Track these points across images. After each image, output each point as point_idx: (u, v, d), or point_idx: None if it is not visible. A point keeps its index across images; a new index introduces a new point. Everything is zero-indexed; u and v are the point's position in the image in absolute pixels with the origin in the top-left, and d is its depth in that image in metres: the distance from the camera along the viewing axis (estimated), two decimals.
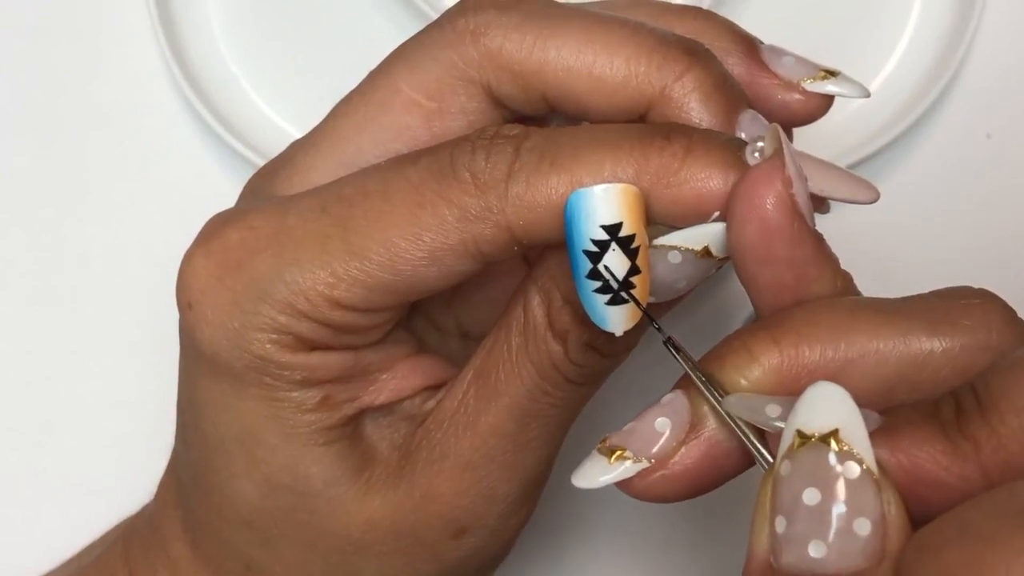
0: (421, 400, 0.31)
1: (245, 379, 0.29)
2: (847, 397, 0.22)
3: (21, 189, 0.46)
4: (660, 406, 0.26)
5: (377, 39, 0.46)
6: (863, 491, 0.22)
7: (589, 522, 0.44)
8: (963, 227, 0.46)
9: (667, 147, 0.26)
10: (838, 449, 0.22)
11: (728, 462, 0.26)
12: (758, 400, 0.24)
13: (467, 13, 0.29)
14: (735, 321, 0.44)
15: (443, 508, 0.30)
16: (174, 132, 0.46)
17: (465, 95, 0.29)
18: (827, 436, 0.22)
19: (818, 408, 0.22)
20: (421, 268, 0.27)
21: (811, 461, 0.22)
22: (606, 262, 0.25)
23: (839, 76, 0.30)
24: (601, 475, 0.26)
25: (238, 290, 0.28)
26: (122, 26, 0.47)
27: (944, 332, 0.25)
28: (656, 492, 0.26)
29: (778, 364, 0.25)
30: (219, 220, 0.30)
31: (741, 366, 0.25)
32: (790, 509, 0.22)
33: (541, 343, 0.28)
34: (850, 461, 0.22)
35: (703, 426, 0.26)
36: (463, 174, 0.27)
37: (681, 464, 0.25)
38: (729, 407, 0.25)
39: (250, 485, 0.30)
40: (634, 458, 0.25)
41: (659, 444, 0.25)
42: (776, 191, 0.25)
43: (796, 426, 0.22)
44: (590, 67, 0.28)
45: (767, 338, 0.25)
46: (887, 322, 0.25)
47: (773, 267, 0.25)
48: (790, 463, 0.22)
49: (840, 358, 0.25)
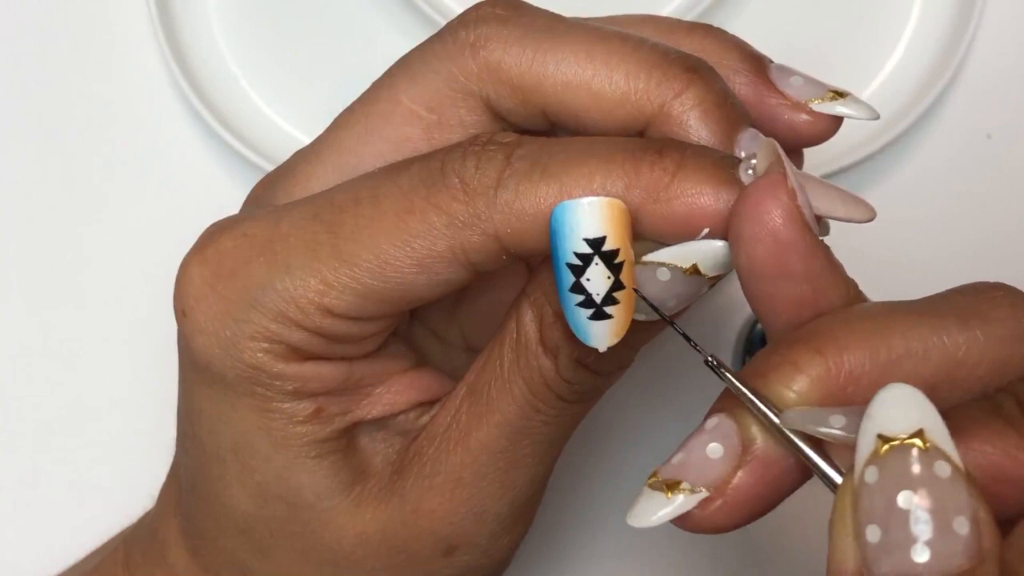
0: (416, 415, 0.30)
1: (237, 388, 0.29)
2: (923, 396, 0.22)
3: (21, 189, 0.46)
4: (707, 432, 0.25)
5: (377, 39, 0.47)
6: (956, 490, 0.21)
7: (588, 525, 0.44)
8: (963, 227, 0.46)
9: (658, 162, 0.26)
10: (925, 449, 0.21)
11: (786, 480, 0.25)
12: (819, 412, 0.24)
13: (468, 25, 0.29)
14: (732, 325, 0.44)
15: (434, 525, 0.29)
16: (174, 132, 0.46)
17: (465, 108, 0.29)
18: (912, 437, 0.22)
19: (899, 409, 0.22)
20: (410, 276, 0.27)
21: (900, 464, 0.21)
22: (589, 276, 0.25)
23: (848, 97, 0.29)
24: (659, 510, 0.25)
25: (231, 298, 0.28)
26: (122, 26, 0.47)
27: (977, 326, 0.24)
28: (716, 522, 0.25)
29: (824, 374, 0.24)
30: (215, 228, 0.29)
31: (788, 379, 0.24)
32: (884, 516, 0.21)
33: (532, 359, 0.28)
34: (940, 460, 0.21)
35: (755, 446, 0.25)
36: (452, 180, 0.26)
37: (740, 489, 0.25)
38: (790, 423, 0.24)
39: (245, 495, 0.30)
40: (692, 489, 0.25)
41: (715, 471, 0.24)
42: (783, 204, 0.24)
43: (877, 430, 0.22)
44: (589, 82, 0.28)
45: (809, 349, 0.24)
46: (922, 322, 0.24)
47: (789, 283, 0.25)
48: (876, 469, 0.22)
49: (883, 362, 0.24)
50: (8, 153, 0.47)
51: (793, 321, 0.25)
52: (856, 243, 0.28)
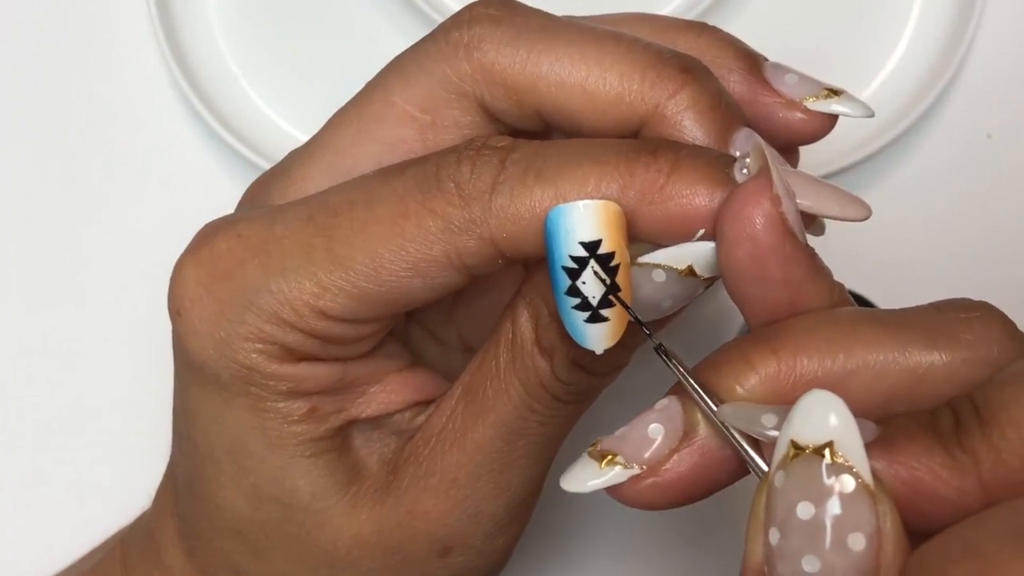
0: (411, 415, 0.30)
1: (232, 389, 0.28)
2: (843, 407, 0.22)
3: (21, 189, 0.46)
4: (653, 412, 0.25)
5: (377, 39, 0.47)
6: (858, 505, 0.21)
7: (587, 524, 0.44)
8: (963, 227, 0.46)
9: (653, 163, 0.25)
10: (832, 462, 0.22)
11: (721, 471, 0.25)
12: (754, 409, 0.24)
13: (462, 26, 0.29)
14: (729, 331, 0.44)
15: (429, 525, 0.29)
16: (174, 132, 0.46)
17: (459, 109, 0.29)
18: (821, 448, 0.22)
19: (813, 418, 0.22)
20: (405, 279, 0.27)
21: (805, 473, 0.22)
22: (585, 279, 0.25)
23: (843, 95, 0.29)
24: (590, 479, 0.25)
25: (225, 299, 0.28)
26: (122, 26, 0.47)
27: (944, 346, 0.24)
28: (646, 499, 0.25)
29: (775, 373, 0.24)
30: (209, 228, 0.29)
31: (738, 374, 0.25)
32: (784, 521, 0.22)
33: (528, 360, 0.28)
34: (845, 474, 0.22)
35: (696, 433, 0.25)
36: (448, 184, 0.26)
37: (673, 472, 0.25)
38: (724, 416, 0.24)
39: (240, 496, 0.30)
40: (625, 464, 0.25)
41: (651, 451, 0.25)
42: (765, 210, 0.24)
43: (790, 436, 0.22)
44: (583, 83, 0.28)
45: (765, 347, 0.25)
46: (887, 334, 0.24)
47: (766, 287, 0.25)
48: (784, 474, 0.22)
49: (839, 370, 0.24)
50: (8, 153, 0.47)
51: (771, 322, 0.25)
52: (856, 243, 0.28)
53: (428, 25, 0.44)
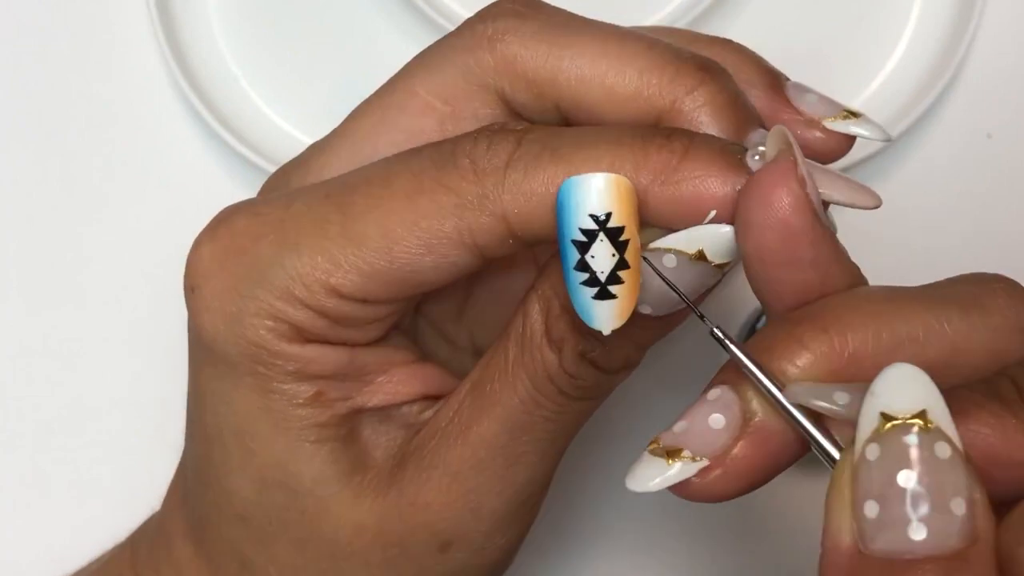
0: (419, 409, 0.31)
1: (240, 368, 0.29)
2: (927, 377, 0.22)
3: (21, 189, 0.46)
4: (709, 403, 0.25)
5: (377, 39, 0.47)
6: (955, 471, 0.22)
7: (589, 523, 0.44)
8: (963, 227, 0.46)
9: (667, 144, 0.26)
10: (926, 429, 0.22)
11: (784, 454, 0.25)
12: (823, 388, 0.24)
13: (487, 19, 0.29)
14: (733, 327, 0.44)
15: (429, 518, 0.29)
16: (174, 132, 0.46)
17: (479, 101, 0.29)
18: (915, 417, 0.22)
19: (904, 388, 0.22)
20: (417, 257, 0.27)
21: (901, 443, 0.22)
22: (594, 253, 0.25)
23: (861, 117, 0.29)
24: (658, 476, 0.25)
25: (239, 274, 0.28)
26: (122, 26, 0.47)
27: (977, 314, 0.25)
28: (715, 491, 0.25)
29: (828, 352, 0.24)
30: (229, 209, 0.30)
31: (792, 354, 0.25)
32: (882, 492, 0.22)
33: (536, 352, 0.28)
34: (941, 441, 0.22)
35: (756, 419, 0.25)
36: (463, 161, 0.27)
37: (740, 459, 0.25)
38: (796, 396, 0.24)
39: (245, 480, 0.30)
40: (693, 457, 0.25)
41: (717, 441, 0.25)
42: (794, 191, 0.25)
43: (881, 408, 0.22)
44: (603, 78, 0.28)
45: (814, 327, 0.25)
46: (923, 307, 0.25)
47: (797, 269, 0.25)
48: (878, 446, 0.22)
49: (885, 344, 0.24)
50: (8, 153, 0.47)
51: (800, 305, 0.26)
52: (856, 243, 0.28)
53: (428, 25, 0.44)
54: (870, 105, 0.46)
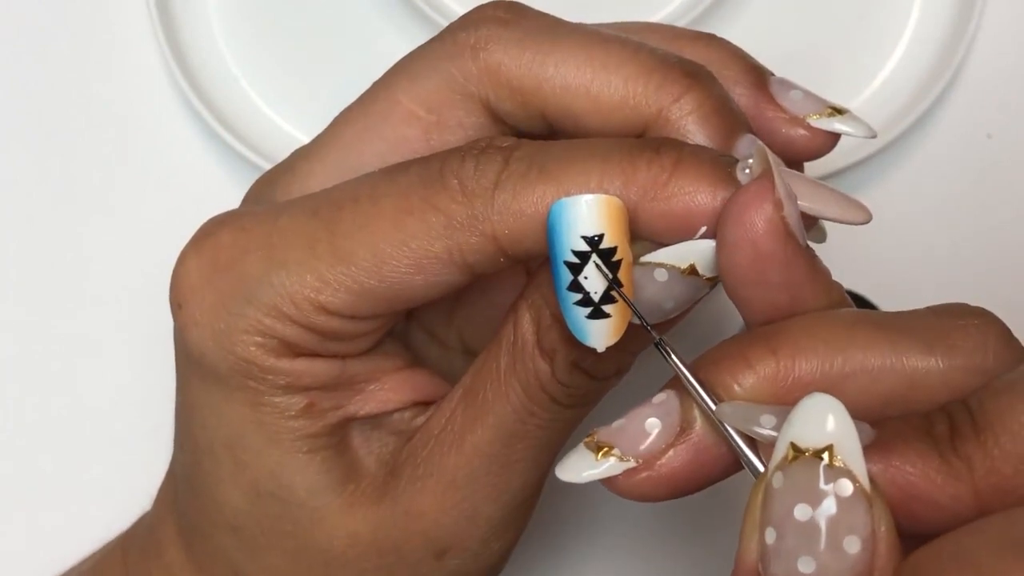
0: (411, 416, 0.30)
1: (230, 382, 0.28)
2: (843, 411, 0.22)
3: (21, 189, 0.46)
4: (651, 406, 0.26)
5: (377, 39, 0.47)
6: (855, 509, 0.22)
7: (584, 522, 0.44)
8: (963, 227, 0.46)
9: (656, 160, 0.25)
10: (831, 465, 0.22)
11: (716, 467, 0.25)
12: (752, 409, 0.24)
13: (469, 27, 0.29)
14: (729, 330, 0.44)
15: (425, 526, 0.29)
16: (174, 132, 0.46)
17: (463, 109, 0.29)
18: (821, 451, 0.22)
19: (813, 421, 0.22)
20: (407, 276, 0.27)
21: (804, 476, 0.22)
22: (587, 274, 0.25)
23: (846, 114, 0.29)
24: (586, 470, 0.25)
25: (226, 291, 0.28)
26: (122, 26, 0.47)
27: (941, 352, 0.24)
28: (640, 492, 0.25)
29: (773, 373, 0.24)
30: (214, 222, 0.29)
31: (736, 373, 0.25)
32: (780, 522, 0.22)
33: (528, 361, 0.28)
34: (843, 478, 0.22)
35: (692, 429, 0.25)
36: (451, 181, 0.26)
37: (668, 466, 0.25)
38: (722, 415, 0.24)
39: (237, 491, 0.30)
40: (621, 456, 0.25)
41: (647, 444, 0.25)
42: (766, 214, 0.24)
43: (790, 438, 0.22)
44: (588, 86, 0.28)
45: (764, 348, 0.25)
46: (884, 338, 0.24)
47: (767, 290, 0.25)
48: (783, 476, 0.22)
49: (836, 372, 0.24)
50: (8, 153, 0.47)
51: (770, 322, 0.26)
52: (855, 243, 0.28)
53: (428, 25, 0.44)
54: (870, 105, 0.46)
